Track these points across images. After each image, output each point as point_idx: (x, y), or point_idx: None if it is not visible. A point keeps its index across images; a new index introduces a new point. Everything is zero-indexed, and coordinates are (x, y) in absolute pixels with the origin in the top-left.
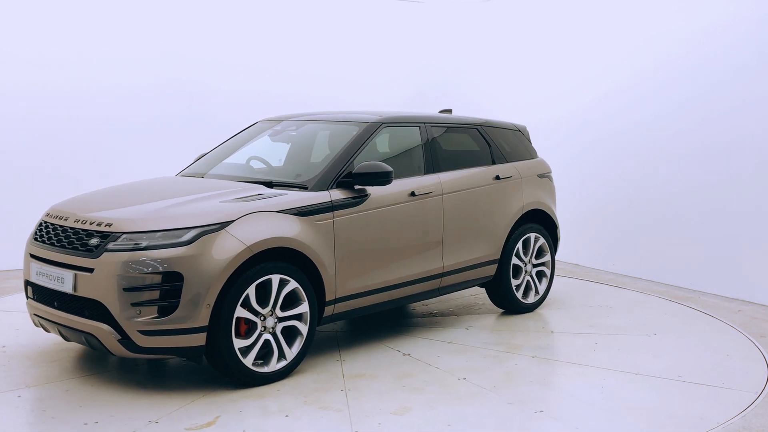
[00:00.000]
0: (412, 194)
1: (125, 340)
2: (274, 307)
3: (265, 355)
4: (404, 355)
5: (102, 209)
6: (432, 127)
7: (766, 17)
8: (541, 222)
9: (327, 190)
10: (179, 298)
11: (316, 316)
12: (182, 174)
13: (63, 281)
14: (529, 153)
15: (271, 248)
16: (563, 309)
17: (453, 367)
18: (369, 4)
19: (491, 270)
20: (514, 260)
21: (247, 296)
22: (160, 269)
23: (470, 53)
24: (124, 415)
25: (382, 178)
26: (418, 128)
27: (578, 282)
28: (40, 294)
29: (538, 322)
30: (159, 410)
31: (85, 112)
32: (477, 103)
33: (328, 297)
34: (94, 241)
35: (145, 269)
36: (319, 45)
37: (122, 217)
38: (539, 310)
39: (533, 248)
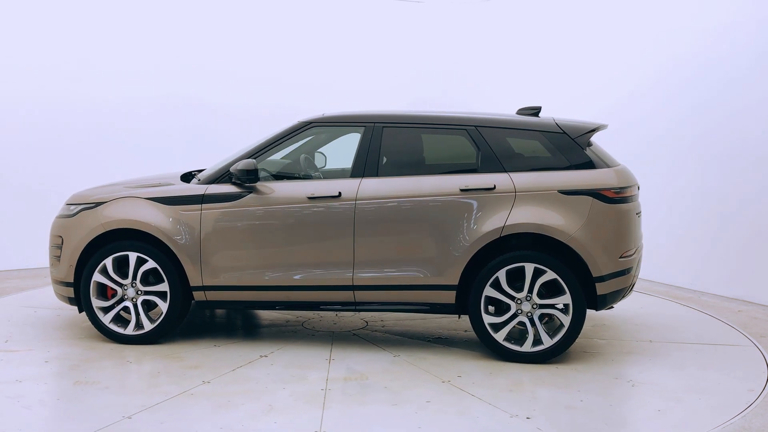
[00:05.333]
0: (311, 197)
1: (51, 286)
2: (134, 280)
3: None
4: (264, 356)
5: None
6: (387, 127)
7: None
8: (554, 251)
9: (210, 183)
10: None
11: (179, 298)
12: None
13: None
14: (566, 161)
15: (130, 228)
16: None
17: (273, 379)
18: (368, 5)
19: (445, 297)
20: (492, 292)
21: (105, 265)
22: (59, 233)
23: (471, 53)
24: None
25: (246, 176)
26: (363, 128)
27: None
28: None
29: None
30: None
31: (86, 118)
32: (477, 104)
33: (193, 283)
34: None
35: (55, 232)
36: (318, 46)
37: (76, 195)
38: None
39: (531, 283)
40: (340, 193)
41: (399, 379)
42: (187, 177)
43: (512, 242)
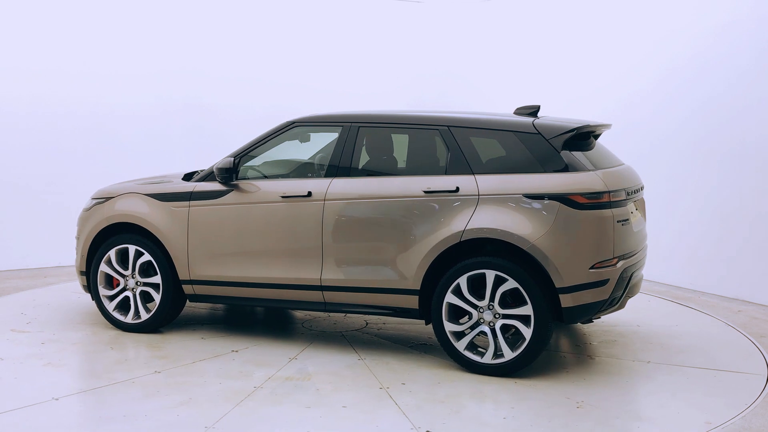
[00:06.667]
0: (284, 196)
1: None
2: (133, 271)
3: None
4: (235, 351)
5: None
6: (363, 128)
7: None
8: (517, 258)
9: (200, 181)
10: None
11: (171, 290)
12: None
13: None
14: (537, 163)
15: (127, 222)
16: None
17: (219, 374)
18: (368, 5)
19: (408, 302)
20: (453, 299)
21: (109, 257)
22: (78, 225)
23: (471, 53)
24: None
25: (223, 174)
26: (340, 128)
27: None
28: None
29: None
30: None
31: (86, 119)
32: (477, 104)
33: (182, 276)
34: None
35: (77, 224)
36: (318, 47)
37: (98, 190)
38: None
39: (493, 291)
40: (310, 192)
41: (339, 382)
42: (189, 176)
43: (487, 248)
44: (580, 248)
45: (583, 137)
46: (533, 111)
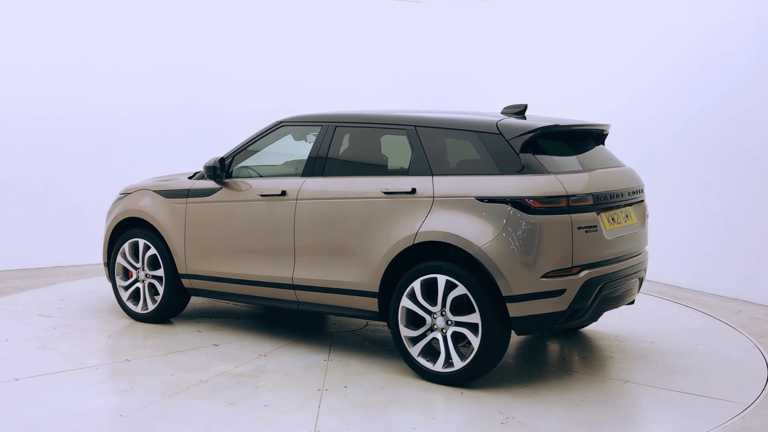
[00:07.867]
0: (262, 195)
1: None
2: (143, 264)
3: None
4: (215, 345)
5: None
6: (339, 127)
7: None
8: (469, 265)
9: (198, 179)
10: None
11: (172, 283)
12: None
13: None
14: (495, 164)
15: (136, 218)
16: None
17: (181, 366)
18: (368, 5)
19: (368, 304)
20: (408, 304)
21: (124, 249)
22: (106, 219)
23: (471, 53)
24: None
25: (209, 173)
26: (319, 128)
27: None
28: None
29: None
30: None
31: (87, 120)
32: (478, 104)
33: (180, 270)
34: None
35: (105, 220)
36: (318, 48)
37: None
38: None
39: (444, 297)
40: (284, 191)
41: (284, 381)
42: (194, 176)
43: (450, 252)
44: (531, 255)
45: (561, 137)
46: (520, 110)
